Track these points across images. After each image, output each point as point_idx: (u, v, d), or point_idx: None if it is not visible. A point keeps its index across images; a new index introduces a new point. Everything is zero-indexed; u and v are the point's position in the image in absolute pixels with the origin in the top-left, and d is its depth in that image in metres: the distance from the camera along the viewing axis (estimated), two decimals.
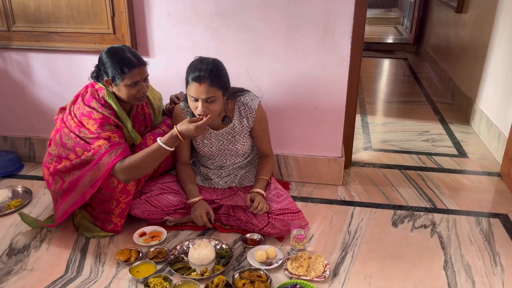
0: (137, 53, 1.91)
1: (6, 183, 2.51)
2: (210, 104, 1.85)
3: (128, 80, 1.84)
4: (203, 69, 1.81)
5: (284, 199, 2.05)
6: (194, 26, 2.27)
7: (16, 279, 1.76)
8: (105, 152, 1.82)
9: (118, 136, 1.87)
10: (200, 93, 1.82)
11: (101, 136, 1.84)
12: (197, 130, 1.78)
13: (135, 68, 1.84)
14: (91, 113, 1.86)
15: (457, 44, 4.18)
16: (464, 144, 3.13)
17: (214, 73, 1.83)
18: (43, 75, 2.56)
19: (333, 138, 2.43)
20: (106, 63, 1.85)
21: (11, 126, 2.75)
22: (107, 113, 1.87)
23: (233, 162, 2.19)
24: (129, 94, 1.87)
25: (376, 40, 6.71)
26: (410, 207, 2.28)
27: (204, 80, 1.80)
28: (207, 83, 1.81)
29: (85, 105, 1.89)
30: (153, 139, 2.04)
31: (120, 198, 1.96)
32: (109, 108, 1.89)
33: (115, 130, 1.88)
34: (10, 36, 2.47)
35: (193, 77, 1.82)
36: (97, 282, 1.75)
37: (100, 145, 1.83)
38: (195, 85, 1.82)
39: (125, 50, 1.86)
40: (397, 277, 1.77)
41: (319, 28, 2.18)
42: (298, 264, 1.79)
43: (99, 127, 1.84)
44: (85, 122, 1.87)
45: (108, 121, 1.87)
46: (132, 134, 1.95)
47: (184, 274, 1.76)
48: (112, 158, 1.81)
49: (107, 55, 1.86)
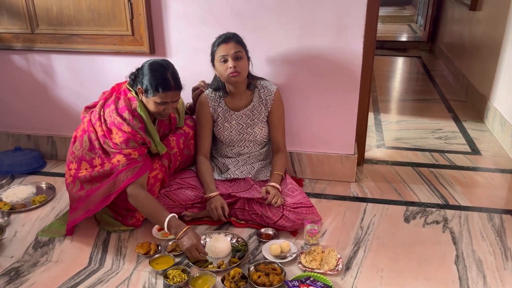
0: (177, 75, 1.94)
1: (30, 180, 2.62)
2: (238, 61, 2.04)
3: (159, 99, 1.89)
4: (228, 34, 2.08)
5: (298, 194, 2.11)
6: (210, 27, 2.34)
7: (42, 270, 1.85)
8: (122, 169, 1.90)
9: (139, 153, 1.95)
10: (229, 49, 2.03)
11: (122, 152, 1.92)
12: (190, 251, 1.78)
13: (169, 91, 1.89)
14: (121, 124, 1.92)
15: (471, 41, 4.17)
16: (477, 141, 3.14)
17: (237, 35, 2.09)
18: (65, 76, 2.66)
19: (346, 135, 2.47)
20: (145, 75, 1.90)
21: (34, 125, 2.85)
22: (137, 128, 1.93)
23: (251, 150, 2.29)
24: (155, 110, 1.93)
25: (389, 38, 6.70)
26: (422, 203, 2.32)
27: (230, 39, 2.05)
28: (233, 41, 2.05)
29: (118, 115, 1.94)
30: (176, 140, 2.15)
31: None
32: (140, 121, 1.95)
33: (137, 147, 1.95)
34: (34, 38, 2.57)
35: (219, 41, 2.06)
36: (119, 274, 1.82)
37: (119, 160, 1.91)
38: (223, 45, 2.05)
39: (167, 69, 1.90)
40: (409, 271, 1.81)
41: (332, 29, 2.23)
42: (312, 257, 1.84)
43: (124, 142, 1.91)
44: (114, 132, 1.93)
45: (134, 138, 1.93)
46: (158, 147, 2.03)
47: (201, 266, 1.83)
48: (128, 177, 1.90)
49: (149, 68, 1.90)
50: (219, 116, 2.24)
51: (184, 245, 1.79)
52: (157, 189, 2.08)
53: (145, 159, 1.98)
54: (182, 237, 1.80)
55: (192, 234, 1.80)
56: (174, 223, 1.83)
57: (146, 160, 1.99)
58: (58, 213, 2.27)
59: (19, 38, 2.58)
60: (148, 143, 1.99)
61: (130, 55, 2.48)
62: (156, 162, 2.07)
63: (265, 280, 1.70)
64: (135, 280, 1.78)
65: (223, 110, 2.23)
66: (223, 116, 2.24)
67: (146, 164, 1.97)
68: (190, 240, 1.78)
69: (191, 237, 1.79)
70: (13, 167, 2.67)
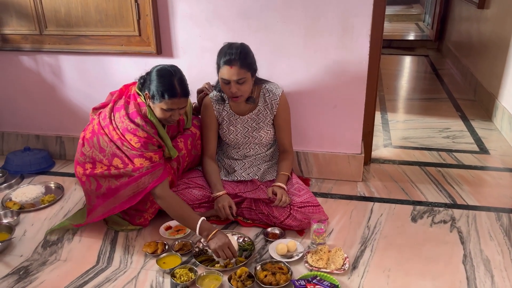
0: (185, 82, 1.92)
1: (39, 179, 2.65)
2: (241, 85, 1.99)
3: (165, 105, 1.88)
4: (233, 53, 1.97)
5: (305, 193, 2.11)
6: (216, 27, 2.35)
7: (51, 269, 1.87)
8: (146, 172, 1.91)
9: (159, 156, 1.96)
10: (232, 75, 1.97)
11: (144, 155, 1.92)
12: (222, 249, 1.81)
13: (175, 98, 1.87)
14: (136, 130, 1.91)
15: (479, 40, 4.14)
16: (485, 140, 3.12)
17: (243, 55, 1.99)
18: (73, 77, 2.68)
19: (352, 135, 2.47)
20: (152, 81, 1.89)
21: (43, 125, 2.88)
22: (151, 133, 1.93)
23: (257, 152, 2.28)
24: (161, 116, 1.93)
25: (397, 37, 6.67)
26: (430, 203, 2.31)
27: (234, 62, 1.96)
28: (238, 65, 1.96)
29: (130, 121, 1.93)
30: (184, 141, 2.17)
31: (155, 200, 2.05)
32: (152, 126, 1.95)
33: (157, 150, 1.97)
34: (42, 39, 2.59)
35: (224, 61, 1.97)
36: (127, 273, 1.84)
37: (142, 163, 1.91)
38: (226, 68, 1.97)
39: (174, 76, 1.87)
40: (416, 271, 1.81)
41: (338, 28, 2.23)
42: (318, 257, 1.84)
43: (142, 146, 1.92)
44: (128, 138, 1.92)
45: (151, 141, 1.94)
46: (171, 152, 2.04)
47: (208, 265, 1.84)
48: (153, 179, 1.91)
49: (157, 74, 1.89)
50: (224, 119, 2.24)
51: (216, 244, 1.81)
52: None
53: (165, 162, 2.00)
54: (212, 238, 1.83)
55: (222, 235, 1.84)
56: (205, 226, 1.86)
57: (166, 164, 2.00)
58: (66, 213, 2.29)
59: (28, 39, 2.61)
60: (163, 147, 2.01)
61: (137, 55, 2.50)
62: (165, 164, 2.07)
63: (272, 279, 1.71)
64: (142, 279, 1.80)
65: (228, 113, 2.23)
66: (228, 120, 2.23)
67: (167, 168, 1.99)
68: (221, 240, 1.81)
69: (222, 238, 1.82)
70: (22, 167, 2.70)
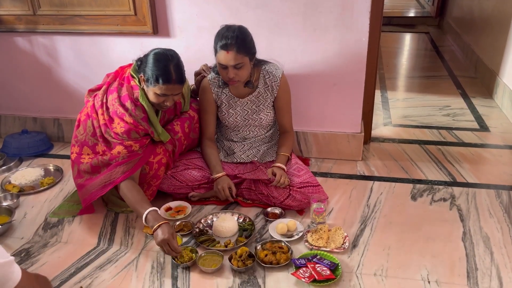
0: (181, 68, 1.88)
1: (38, 162, 2.64)
2: (238, 70, 1.95)
3: (159, 90, 1.85)
4: (230, 37, 1.91)
5: (305, 173, 2.11)
6: (213, 5, 2.30)
7: (52, 250, 1.88)
8: (122, 161, 1.91)
9: (140, 145, 1.95)
10: (229, 60, 1.92)
11: (124, 143, 1.92)
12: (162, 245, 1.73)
13: (169, 84, 1.84)
14: (123, 115, 1.90)
15: (481, 16, 4.08)
16: (486, 118, 3.10)
17: (240, 40, 1.92)
18: (68, 58, 2.65)
19: (352, 114, 2.45)
20: (148, 64, 1.85)
21: (40, 107, 2.86)
22: (139, 118, 1.91)
23: (256, 134, 2.26)
24: (154, 101, 1.90)
25: (397, 14, 6.57)
26: (430, 181, 2.30)
27: (231, 47, 1.90)
28: (234, 50, 1.91)
29: (120, 104, 1.91)
30: (180, 124, 2.13)
31: (151, 182, 2.06)
32: (143, 111, 1.93)
33: (139, 139, 1.95)
34: (36, 20, 2.55)
35: (220, 45, 1.92)
36: (128, 254, 1.85)
37: (120, 152, 1.92)
38: (223, 53, 1.92)
39: (171, 61, 1.84)
40: (416, 248, 1.82)
41: (337, 5, 2.18)
42: (318, 236, 1.85)
43: (125, 133, 1.91)
44: (116, 121, 1.92)
45: (136, 129, 1.92)
46: (161, 136, 2.02)
47: (209, 245, 1.84)
48: (125, 171, 1.90)
49: (154, 57, 1.85)
50: (223, 102, 2.20)
51: (158, 239, 1.73)
52: (162, 173, 2.08)
53: (145, 150, 1.99)
54: (156, 231, 1.74)
55: (166, 230, 1.73)
56: (151, 217, 1.79)
57: (145, 152, 1.99)
58: (66, 195, 2.29)
59: (22, 20, 2.56)
60: (151, 133, 1.99)
61: (133, 35, 2.46)
62: (160, 147, 2.06)
63: (272, 258, 1.71)
64: (143, 260, 1.81)
65: (227, 96, 2.19)
66: (227, 103, 2.19)
67: (144, 156, 1.98)
68: (162, 235, 1.72)
69: (164, 233, 1.72)
70: (20, 150, 2.68)
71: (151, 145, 2.05)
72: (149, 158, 2.01)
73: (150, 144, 2.04)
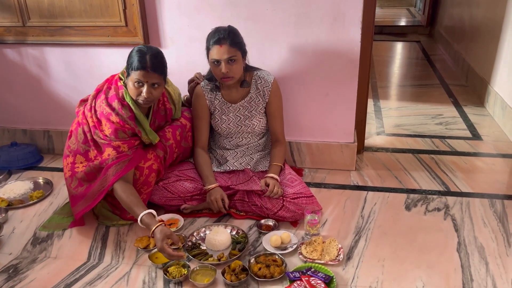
0: (159, 58, 1.88)
1: (27, 175, 2.59)
2: (232, 64, 1.98)
3: (133, 76, 1.85)
4: (222, 32, 1.98)
5: (298, 184, 2.09)
6: (204, 16, 2.29)
7: (41, 266, 1.84)
8: (112, 163, 1.91)
9: (128, 146, 1.95)
10: (222, 53, 1.95)
11: (111, 144, 1.92)
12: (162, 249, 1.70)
13: (143, 70, 1.83)
14: (110, 115, 1.91)
15: (471, 24, 4.11)
16: (478, 126, 3.11)
17: (232, 34, 1.99)
18: (59, 69, 2.62)
19: (345, 123, 2.44)
20: (129, 57, 1.89)
21: (30, 119, 2.82)
22: (126, 117, 1.91)
23: (249, 141, 2.26)
24: (132, 92, 1.89)
25: (388, 23, 6.64)
26: (423, 190, 2.30)
27: (224, 41, 1.96)
28: (227, 44, 1.96)
29: (107, 104, 1.93)
30: (172, 131, 2.12)
31: (142, 189, 2.02)
32: (129, 110, 1.93)
33: (127, 139, 1.95)
34: (26, 31, 2.52)
35: (213, 41, 1.96)
36: (118, 269, 1.81)
37: (109, 154, 1.92)
38: (216, 47, 1.95)
39: (147, 52, 1.85)
40: (410, 260, 1.80)
41: (329, 15, 2.19)
42: (313, 248, 1.83)
43: (112, 133, 1.92)
44: (103, 122, 1.93)
45: (123, 129, 1.92)
46: (150, 136, 2.01)
47: (201, 259, 1.81)
48: (117, 171, 1.89)
49: (135, 50, 1.88)
50: (216, 108, 2.20)
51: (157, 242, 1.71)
52: (153, 179, 2.05)
53: (135, 152, 1.97)
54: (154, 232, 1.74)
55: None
56: (145, 221, 1.78)
57: (135, 153, 1.97)
58: (56, 208, 2.25)
59: (11, 31, 2.54)
60: (138, 132, 1.97)
61: (124, 46, 2.44)
62: (151, 153, 2.04)
63: (266, 272, 1.69)
64: (134, 275, 1.77)
65: (220, 102, 2.19)
66: (220, 109, 2.20)
67: (134, 157, 1.96)
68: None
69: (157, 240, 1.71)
70: (9, 163, 2.64)
71: (142, 150, 2.03)
72: (139, 162, 1.99)
73: (141, 148, 2.03)
